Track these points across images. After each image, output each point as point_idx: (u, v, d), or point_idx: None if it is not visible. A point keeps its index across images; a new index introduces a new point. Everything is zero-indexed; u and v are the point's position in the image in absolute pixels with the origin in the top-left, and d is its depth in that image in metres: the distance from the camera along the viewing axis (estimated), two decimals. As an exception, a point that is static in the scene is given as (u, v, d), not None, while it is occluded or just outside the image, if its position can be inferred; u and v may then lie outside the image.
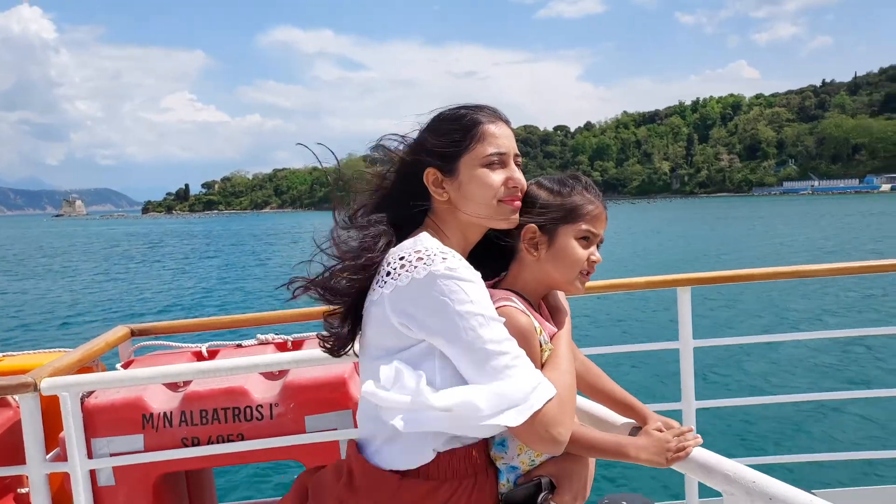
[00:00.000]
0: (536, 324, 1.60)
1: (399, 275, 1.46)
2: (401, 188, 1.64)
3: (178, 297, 26.65)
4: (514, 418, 1.39)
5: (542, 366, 1.57)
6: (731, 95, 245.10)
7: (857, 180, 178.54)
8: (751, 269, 3.26)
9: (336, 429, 2.45)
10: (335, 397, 2.47)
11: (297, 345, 2.91)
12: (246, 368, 2.39)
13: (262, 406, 2.46)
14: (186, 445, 2.42)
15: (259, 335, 2.96)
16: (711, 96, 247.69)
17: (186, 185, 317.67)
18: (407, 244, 1.53)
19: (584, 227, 1.65)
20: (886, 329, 4.03)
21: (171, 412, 2.43)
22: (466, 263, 1.49)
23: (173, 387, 2.55)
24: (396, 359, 1.49)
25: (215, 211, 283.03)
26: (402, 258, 1.49)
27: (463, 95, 1.67)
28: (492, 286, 1.68)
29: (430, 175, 1.60)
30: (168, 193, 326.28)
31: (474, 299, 1.43)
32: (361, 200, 1.68)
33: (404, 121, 1.68)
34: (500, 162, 1.58)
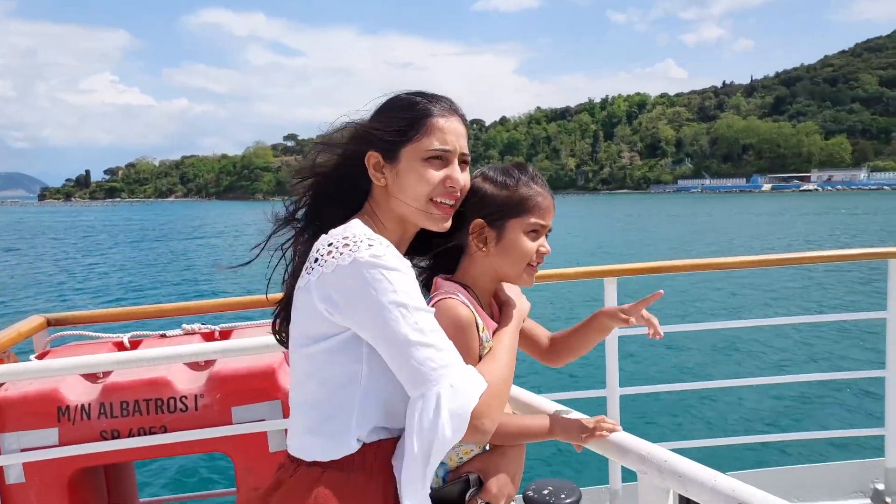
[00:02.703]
0: (480, 320, 1.59)
1: (326, 261, 1.43)
2: (344, 169, 1.61)
3: (97, 286, 25.02)
4: (461, 426, 1.38)
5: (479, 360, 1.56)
6: (638, 94, 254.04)
7: (745, 179, 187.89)
8: (674, 261, 3.36)
9: (265, 420, 2.39)
10: (264, 387, 2.41)
11: (225, 335, 2.83)
12: (169, 358, 2.29)
13: (186, 397, 2.38)
14: (105, 439, 2.31)
15: (185, 325, 2.85)
16: (619, 94, 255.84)
17: (87, 172, 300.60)
18: (336, 231, 1.49)
19: (532, 220, 1.62)
20: (790, 319, 4.31)
21: (90, 404, 2.31)
22: (394, 251, 1.46)
23: (92, 378, 2.43)
24: (322, 346, 1.46)
25: (118, 199, 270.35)
26: (329, 244, 1.45)
27: (401, 86, 1.63)
28: (447, 280, 1.67)
29: (372, 158, 1.56)
30: (67, 180, 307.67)
31: (398, 289, 1.40)
32: (300, 186, 1.65)
33: (341, 110, 1.64)
34: (442, 159, 1.55)
